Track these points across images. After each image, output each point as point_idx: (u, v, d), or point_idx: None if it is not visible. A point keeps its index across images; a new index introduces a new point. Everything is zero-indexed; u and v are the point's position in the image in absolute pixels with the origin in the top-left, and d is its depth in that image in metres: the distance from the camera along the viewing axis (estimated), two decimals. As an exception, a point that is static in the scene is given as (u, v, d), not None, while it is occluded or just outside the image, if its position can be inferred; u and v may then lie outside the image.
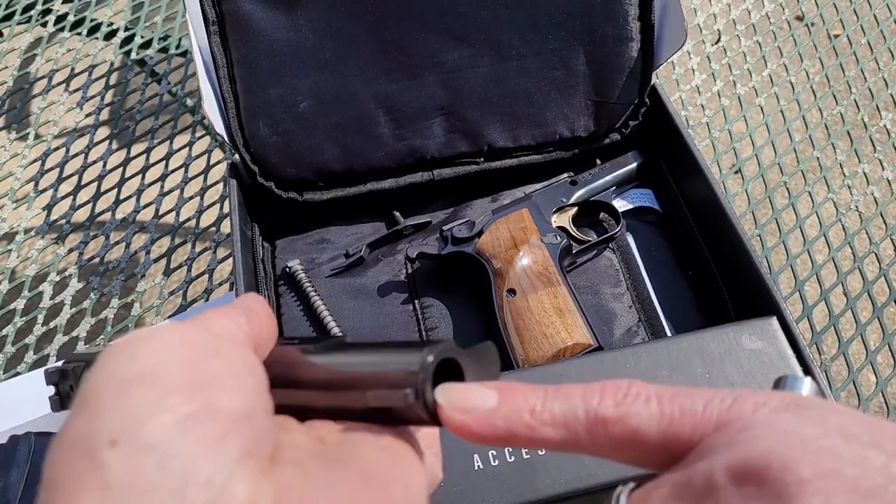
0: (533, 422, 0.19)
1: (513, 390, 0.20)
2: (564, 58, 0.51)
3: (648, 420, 0.18)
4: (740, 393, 0.18)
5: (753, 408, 0.17)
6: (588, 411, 0.19)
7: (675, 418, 0.18)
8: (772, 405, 0.17)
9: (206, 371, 0.18)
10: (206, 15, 0.47)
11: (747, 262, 0.43)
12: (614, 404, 0.19)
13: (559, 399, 0.19)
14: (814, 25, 0.74)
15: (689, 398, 0.18)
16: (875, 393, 0.48)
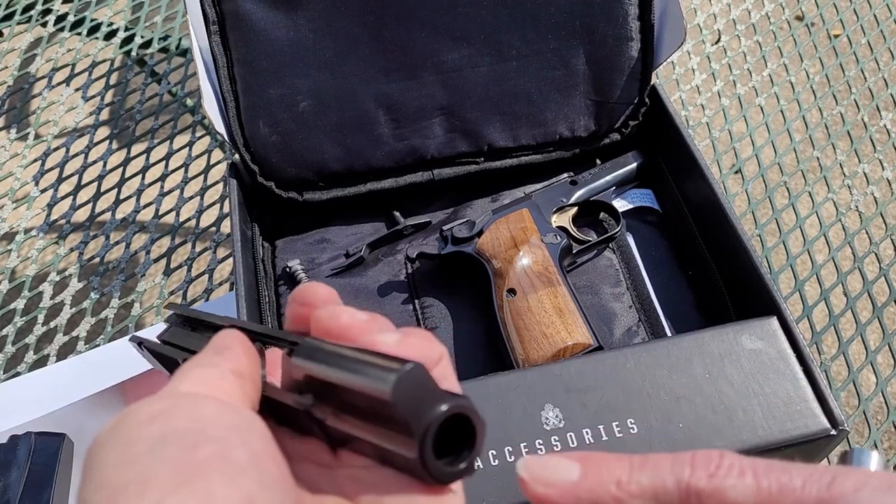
0: (620, 494, 0.19)
1: (597, 461, 0.19)
2: (564, 57, 0.51)
3: (744, 494, 0.18)
4: (838, 471, 0.18)
5: (854, 487, 0.17)
6: (679, 483, 0.18)
7: (773, 494, 0.18)
8: (873, 485, 0.17)
9: (196, 462, 0.17)
10: (206, 14, 0.47)
11: (747, 261, 0.43)
12: (707, 476, 0.18)
13: (647, 470, 0.19)
14: (814, 25, 0.74)
15: (787, 473, 0.18)
16: (875, 393, 0.48)
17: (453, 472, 0.19)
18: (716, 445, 0.36)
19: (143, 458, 0.16)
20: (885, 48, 0.71)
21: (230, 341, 0.21)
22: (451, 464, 0.19)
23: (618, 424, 0.37)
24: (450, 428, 0.19)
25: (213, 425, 0.18)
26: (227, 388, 0.20)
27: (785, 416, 0.37)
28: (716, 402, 0.37)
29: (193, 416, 0.18)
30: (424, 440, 0.18)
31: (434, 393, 0.19)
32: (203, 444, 0.17)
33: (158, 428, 0.17)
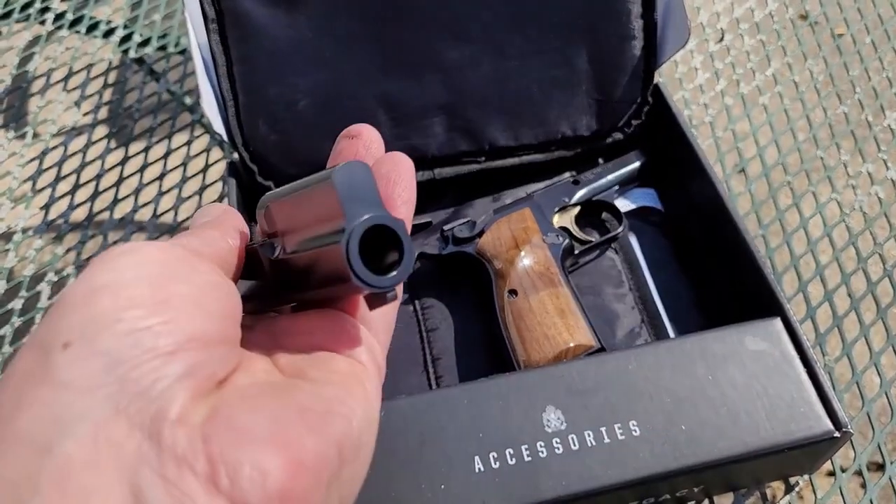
0: None
1: None
2: (566, 56, 0.50)
3: None
4: None
5: None
6: None
7: None
8: None
9: (172, 291, 0.18)
10: (205, 13, 0.47)
11: (751, 262, 0.43)
12: None
13: None
14: (818, 24, 0.74)
15: None
16: (879, 395, 0.48)
17: (374, 278, 0.19)
18: (718, 447, 0.36)
19: (123, 272, 0.18)
20: (889, 47, 0.70)
21: (229, 219, 0.24)
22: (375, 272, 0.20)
23: (620, 426, 0.36)
24: (379, 246, 0.20)
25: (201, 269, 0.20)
26: (216, 258, 0.21)
27: (788, 418, 0.37)
28: (719, 404, 0.37)
29: (189, 254, 0.20)
30: (351, 235, 0.19)
31: (372, 198, 0.20)
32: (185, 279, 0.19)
33: (154, 254, 0.19)
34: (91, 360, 0.17)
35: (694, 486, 0.39)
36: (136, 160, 0.66)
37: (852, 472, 0.44)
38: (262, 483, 0.16)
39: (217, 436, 0.17)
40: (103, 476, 0.15)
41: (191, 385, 0.17)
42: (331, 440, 0.18)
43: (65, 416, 0.16)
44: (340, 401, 0.19)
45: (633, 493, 0.37)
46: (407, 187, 0.24)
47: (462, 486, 0.35)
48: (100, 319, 0.17)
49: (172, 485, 0.16)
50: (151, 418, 0.16)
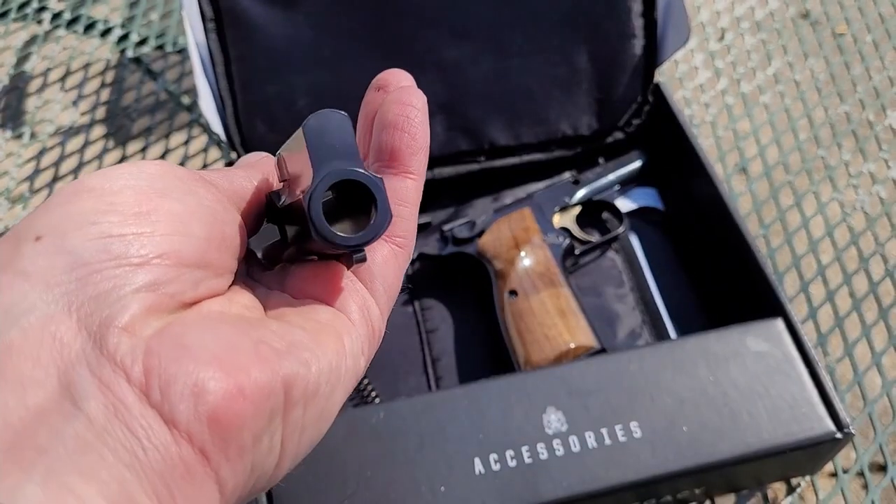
0: None
1: None
2: (567, 55, 0.50)
3: None
4: None
5: None
6: None
7: None
8: None
9: (159, 206, 0.18)
10: (203, 12, 0.47)
11: (752, 262, 0.42)
12: None
13: None
14: (818, 23, 0.74)
15: None
16: (880, 395, 0.47)
17: (335, 236, 0.18)
18: (720, 448, 0.36)
19: (115, 179, 0.18)
20: (890, 46, 0.70)
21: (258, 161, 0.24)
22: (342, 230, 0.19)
23: (621, 427, 0.36)
24: (360, 202, 0.19)
25: (200, 193, 0.20)
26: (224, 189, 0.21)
27: (790, 419, 0.37)
28: (720, 405, 0.37)
29: (194, 177, 0.20)
30: (314, 189, 0.18)
31: (347, 149, 0.19)
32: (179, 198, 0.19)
33: (156, 170, 0.19)
34: (56, 256, 0.17)
35: (695, 488, 0.39)
36: (133, 160, 0.66)
37: (854, 473, 0.44)
38: (194, 401, 0.16)
39: (160, 348, 0.16)
40: (40, 368, 0.15)
41: (148, 298, 0.17)
42: (278, 376, 0.17)
43: (17, 304, 0.16)
44: (304, 346, 0.19)
45: (635, 495, 0.37)
46: (415, 135, 0.22)
47: (462, 487, 0.35)
48: (75, 219, 0.17)
49: (106, 387, 0.16)
50: (100, 322, 0.16)
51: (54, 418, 0.15)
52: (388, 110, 0.22)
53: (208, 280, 0.19)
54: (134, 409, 0.16)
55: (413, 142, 0.21)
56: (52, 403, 0.15)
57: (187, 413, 0.16)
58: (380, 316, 0.22)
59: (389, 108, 0.22)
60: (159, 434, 0.16)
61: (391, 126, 0.21)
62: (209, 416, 0.16)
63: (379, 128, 0.22)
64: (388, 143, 0.21)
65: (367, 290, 0.22)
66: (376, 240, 0.19)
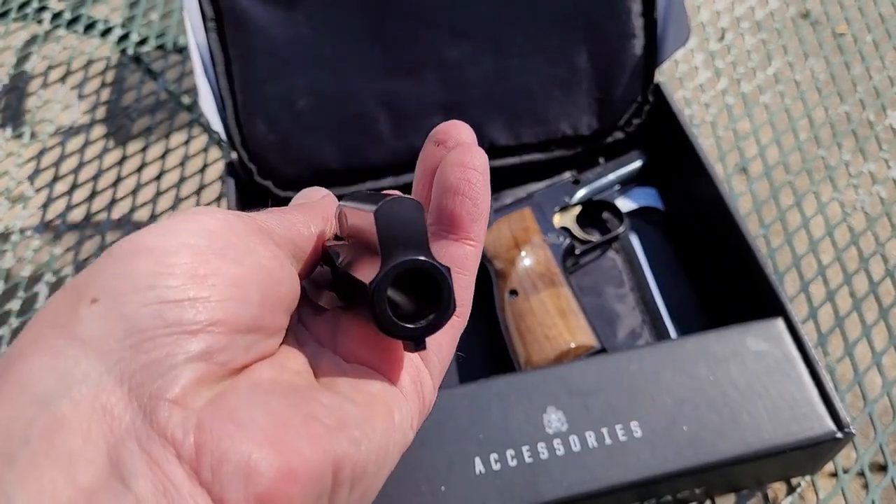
0: None
1: None
2: (567, 55, 0.50)
3: None
4: None
5: None
6: None
7: None
8: None
9: (217, 269, 0.18)
10: (203, 11, 0.46)
11: (752, 262, 0.42)
12: None
13: None
14: (819, 23, 0.74)
15: None
16: (881, 395, 0.47)
17: (397, 327, 0.18)
18: (720, 448, 0.36)
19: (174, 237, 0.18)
20: (890, 46, 0.70)
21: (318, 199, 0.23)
22: (404, 319, 0.18)
23: (621, 427, 0.36)
24: (421, 288, 0.18)
25: (259, 251, 0.19)
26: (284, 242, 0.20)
27: (790, 419, 0.37)
28: (720, 405, 0.37)
29: (252, 230, 0.19)
30: (380, 281, 0.18)
31: (417, 238, 0.18)
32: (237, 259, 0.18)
33: (213, 224, 0.19)
34: (112, 321, 0.16)
35: (695, 488, 0.39)
36: (133, 160, 0.66)
37: (854, 473, 0.44)
38: (245, 483, 0.15)
39: (211, 423, 0.16)
40: (90, 445, 0.15)
41: (200, 368, 0.17)
42: (329, 457, 0.17)
43: (70, 372, 0.16)
44: (355, 422, 0.18)
45: (635, 495, 0.37)
46: (476, 200, 0.21)
47: (462, 487, 0.35)
48: (133, 282, 0.17)
49: (155, 464, 0.15)
50: (150, 394, 0.16)
51: (103, 498, 0.15)
52: (450, 173, 0.21)
53: (260, 343, 0.18)
54: (183, 489, 0.15)
55: (474, 208, 0.21)
56: (100, 482, 0.15)
57: (237, 494, 0.15)
58: (432, 388, 0.22)
59: (451, 171, 0.21)
60: None
61: (452, 191, 0.21)
62: (259, 498, 0.16)
63: (439, 190, 0.21)
64: (449, 208, 0.21)
65: (422, 359, 0.21)
66: (438, 331, 0.18)
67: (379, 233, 0.18)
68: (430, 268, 0.18)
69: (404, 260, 0.18)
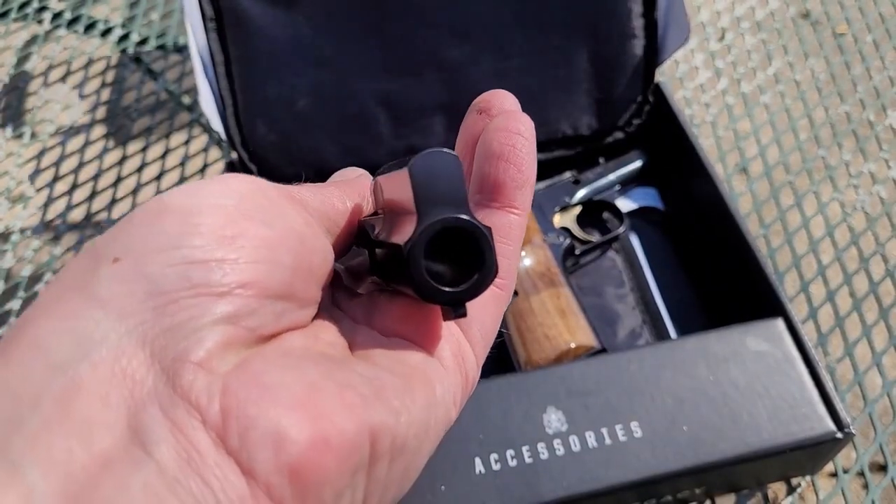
0: None
1: None
2: (567, 55, 0.50)
3: None
4: None
5: None
6: None
7: None
8: None
9: (246, 230, 0.17)
10: (203, 11, 0.46)
11: (753, 262, 0.42)
12: None
13: None
14: (819, 23, 0.74)
15: None
16: (881, 395, 0.47)
17: (435, 290, 0.17)
18: (720, 448, 0.36)
19: (203, 198, 0.17)
20: (890, 46, 0.70)
21: (354, 178, 0.22)
22: (443, 284, 0.17)
23: (621, 427, 0.36)
24: (461, 253, 0.17)
25: (291, 216, 0.18)
26: (317, 211, 0.19)
27: (790, 419, 0.37)
28: (720, 405, 0.37)
29: (284, 196, 0.18)
30: (415, 241, 0.16)
31: (456, 193, 0.17)
32: (268, 222, 0.17)
33: (245, 187, 0.18)
34: (134, 282, 0.15)
35: (695, 487, 0.39)
36: (134, 160, 0.66)
37: (854, 473, 0.44)
38: (275, 450, 0.14)
39: (238, 387, 0.15)
40: (108, 410, 0.14)
41: (227, 331, 0.16)
42: (365, 426, 0.16)
43: (88, 335, 0.15)
44: (394, 392, 0.17)
45: (635, 495, 0.37)
46: (521, 166, 0.19)
47: (462, 487, 0.35)
48: (157, 241, 0.16)
49: (179, 430, 0.14)
50: (174, 357, 0.15)
51: (121, 467, 0.14)
52: (493, 138, 0.20)
53: (291, 312, 0.17)
54: (209, 457, 0.14)
55: (519, 174, 0.19)
56: (119, 449, 0.14)
57: (267, 463, 0.14)
58: (475, 363, 0.20)
59: (494, 136, 0.20)
60: (236, 486, 0.14)
61: (495, 156, 0.19)
62: (291, 468, 0.14)
63: (482, 157, 0.20)
64: (492, 175, 0.19)
65: (463, 334, 0.20)
66: (479, 295, 0.17)
67: (414, 188, 0.17)
68: (470, 226, 0.17)
69: (443, 217, 0.17)
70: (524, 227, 0.20)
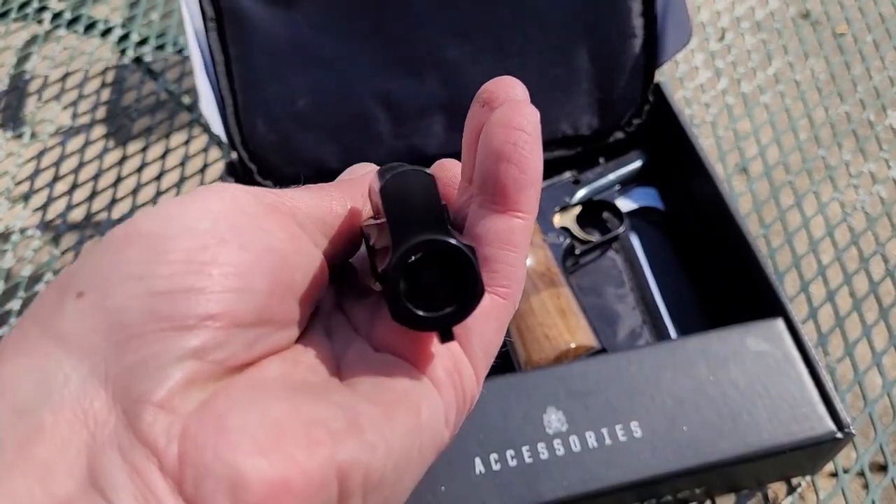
0: None
1: None
2: (567, 55, 0.50)
3: None
4: None
5: None
6: None
7: None
8: None
9: (217, 255, 0.16)
10: (203, 12, 0.46)
11: (753, 262, 0.42)
12: None
13: None
14: (819, 23, 0.74)
15: None
16: (881, 395, 0.47)
17: (414, 315, 0.16)
18: (720, 448, 0.36)
19: (172, 220, 0.16)
20: (890, 46, 0.70)
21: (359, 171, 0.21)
22: (421, 307, 0.16)
23: (621, 427, 0.36)
24: (451, 272, 0.16)
25: (272, 232, 0.17)
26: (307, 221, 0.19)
27: (790, 419, 0.37)
28: (720, 405, 0.37)
29: (266, 211, 0.17)
30: (390, 267, 0.15)
31: (430, 214, 0.16)
32: (244, 244, 0.16)
33: (222, 206, 0.17)
34: (97, 316, 0.15)
35: (695, 488, 0.39)
36: (134, 160, 0.66)
37: (854, 473, 0.44)
38: (232, 497, 0.14)
39: (197, 430, 0.14)
40: (68, 454, 0.14)
41: (192, 367, 0.15)
42: (331, 464, 0.15)
43: (51, 376, 0.14)
44: (371, 423, 0.16)
45: (635, 495, 0.37)
46: (526, 165, 0.18)
47: (462, 487, 0.35)
48: (121, 272, 0.15)
49: (138, 476, 0.14)
50: (135, 398, 0.14)
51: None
52: (493, 134, 0.18)
53: (267, 337, 0.17)
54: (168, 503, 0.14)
55: (522, 175, 0.18)
56: (79, 495, 0.14)
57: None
58: (474, 379, 0.19)
59: (494, 132, 0.18)
60: None
61: (495, 156, 0.18)
62: None
63: (483, 155, 0.18)
64: (493, 176, 0.18)
65: (462, 347, 0.19)
66: (464, 320, 0.16)
67: (386, 212, 0.16)
68: (446, 247, 0.16)
69: (416, 242, 0.16)
70: (530, 231, 0.19)
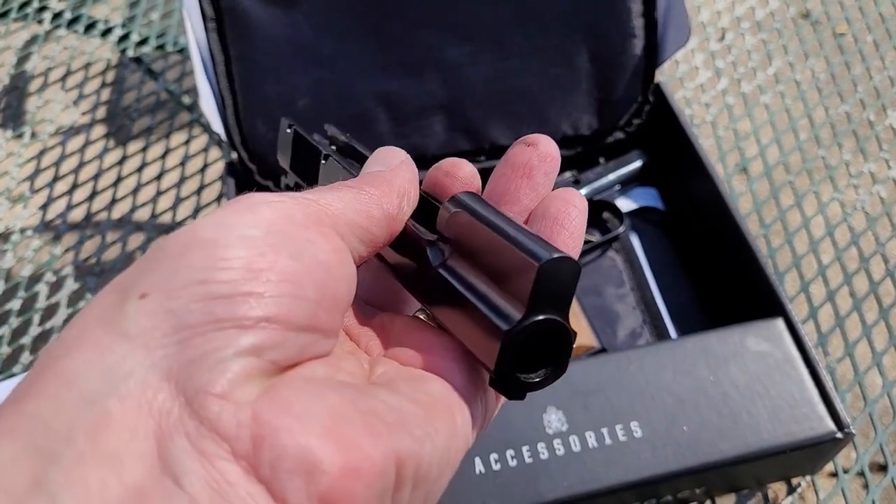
0: None
1: None
2: (567, 55, 0.50)
3: None
4: None
5: None
6: None
7: None
8: None
9: (273, 263, 0.17)
10: (203, 12, 0.46)
11: (753, 262, 0.42)
12: None
13: None
14: (819, 23, 0.74)
15: None
16: (881, 395, 0.47)
17: (519, 380, 0.18)
18: (720, 448, 0.36)
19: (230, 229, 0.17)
20: (890, 46, 0.70)
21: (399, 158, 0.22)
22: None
23: (622, 427, 0.36)
24: (539, 343, 0.18)
25: (320, 244, 0.18)
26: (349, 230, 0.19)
27: (790, 419, 0.37)
28: (720, 405, 0.37)
29: (314, 221, 0.18)
30: (514, 334, 0.17)
31: (565, 300, 0.18)
32: (296, 254, 0.17)
33: (273, 215, 0.18)
34: (160, 316, 0.16)
35: (696, 487, 0.39)
36: (134, 160, 0.66)
37: (854, 473, 0.44)
38: (307, 480, 0.15)
39: (268, 415, 0.15)
40: (138, 441, 0.14)
41: (250, 363, 0.16)
42: (392, 453, 0.16)
43: (116, 368, 0.15)
44: (416, 421, 0.17)
45: (635, 495, 0.37)
46: (573, 233, 0.21)
47: (462, 487, 0.35)
48: (184, 276, 0.16)
49: (208, 461, 0.14)
50: (197, 389, 0.15)
51: (155, 498, 0.14)
52: (551, 204, 0.21)
53: (315, 344, 0.17)
54: (240, 487, 0.14)
55: (570, 240, 0.21)
56: (151, 481, 0.14)
57: (299, 492, 0.15)
58: (495, 395, 0.21)
59: (552, 202, 0.21)
60: None
61: (551, 219, 0.21)
62: (322, 496, 0.15)
63: (539, 217, 0.21)
64: (547, 235, 0.21)
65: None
66: (543, 388, 0.18)
67: (535, 286, 0.17)
68: (565, 332, 0.18)
69: (548, 318, 0.18)
70: None
